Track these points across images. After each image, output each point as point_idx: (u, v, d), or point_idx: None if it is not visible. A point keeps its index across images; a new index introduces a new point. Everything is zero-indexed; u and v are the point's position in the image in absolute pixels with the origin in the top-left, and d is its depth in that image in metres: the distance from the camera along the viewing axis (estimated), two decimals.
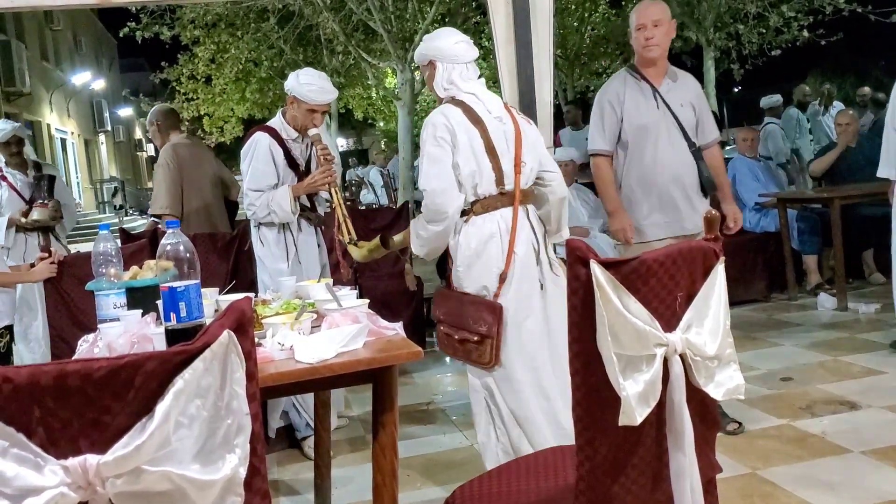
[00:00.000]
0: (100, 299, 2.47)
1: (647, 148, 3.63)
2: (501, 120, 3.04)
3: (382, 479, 2.22)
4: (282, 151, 3.85)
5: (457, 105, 3.02)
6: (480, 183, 2.97)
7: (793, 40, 13.20)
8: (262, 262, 3.93)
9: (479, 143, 2.97)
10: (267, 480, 1.38)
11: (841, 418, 3.72)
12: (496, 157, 2.98)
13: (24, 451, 1.17)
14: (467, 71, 3.09)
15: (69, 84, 25.19)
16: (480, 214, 2.99)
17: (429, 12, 12.02)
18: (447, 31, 3.21)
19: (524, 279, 2.97)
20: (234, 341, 1.30)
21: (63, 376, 1.18)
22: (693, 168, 3.65)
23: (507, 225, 2.98)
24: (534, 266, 3.00)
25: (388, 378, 2.19)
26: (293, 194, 3.78)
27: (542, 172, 3.11)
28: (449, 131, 2.95)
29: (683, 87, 3.73)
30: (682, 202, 3.64)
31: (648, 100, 3.65)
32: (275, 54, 15.15)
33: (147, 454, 1.20)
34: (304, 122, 3.83)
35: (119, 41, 20.88)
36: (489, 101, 3.07)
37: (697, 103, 3.74)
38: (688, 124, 3.66)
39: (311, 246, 3.98)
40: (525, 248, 2.99)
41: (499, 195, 2.99)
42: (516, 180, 3.00)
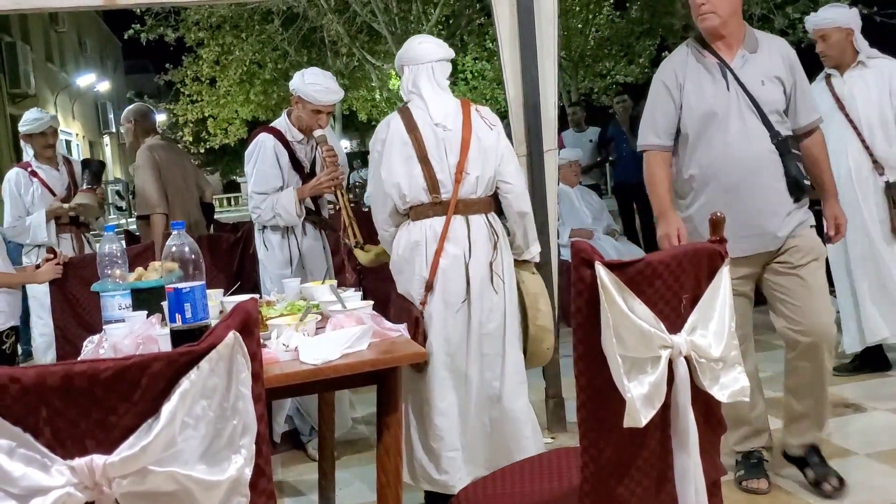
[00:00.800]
0: (105, 300, 2.48)
1: (714, 141, 2.92)
2: (444, 127, 3.00)
3: (387, 479, 2.22)
4: (287, 153, 3.83)
5: (402, 113, 3.06)
6: (409, 192, 2.99)
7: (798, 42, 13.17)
8: (264, 266, 3.92)
9: (411, 151, 2.98)
10: (272, 481, 1.39)
11: (846, 421, 3.71)
12: (429, 166, 2.97)
13: (30, 451, 1.18)
14: (434, 72, 3.07)
15: (74, 86, 25.24)
16: (413, 222, 3.02)
17: (433, 14, 12.05)
18: (418, 35, 3.25)
19: (448, 291, 2.97)
20: (239, 342, 1.30)
21: (70, 377, 1.19)
22: (777, 164, 2.88)
23: (436, 234, 2.97)
24: (460, 278, 2.97)
25: (393, 379, 2.19)
26: (298, 197, 3.76)
27: (499, 182, 3.06)
28: (380, 141, 3.04)
29: (767, 58, 2.95)
30: (761, 210, 2.89)
31: (716, 80, 2.92)
32: (279, 56, 15.19)
33: (153, 455, 1.21)
34: (309, 122, 3.80)
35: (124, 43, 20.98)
36: (436, 106, 3.03)
37: (788, 76, 2.96)
38: (770, 107, 2.90)
39: (316, 250, 3.97)
40: (451, 260, 2.97)
41: (431, 204, 2.98)
42: (454, 189, 2.97)
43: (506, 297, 3.04)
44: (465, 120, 3.02)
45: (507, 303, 3.04)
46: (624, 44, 17.41)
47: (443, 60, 3.11)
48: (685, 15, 12.68)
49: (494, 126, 3.08)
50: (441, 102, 3.05)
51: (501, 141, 3.08)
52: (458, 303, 2.97)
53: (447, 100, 3.07)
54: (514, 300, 3.08)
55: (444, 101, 3.05)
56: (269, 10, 13.48)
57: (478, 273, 2.98)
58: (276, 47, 14.82)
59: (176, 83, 17.13)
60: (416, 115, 3.02)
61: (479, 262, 2.99)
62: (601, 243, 6.35)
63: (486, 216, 3.04)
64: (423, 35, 3.26)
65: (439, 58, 3.09)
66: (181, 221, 2.20)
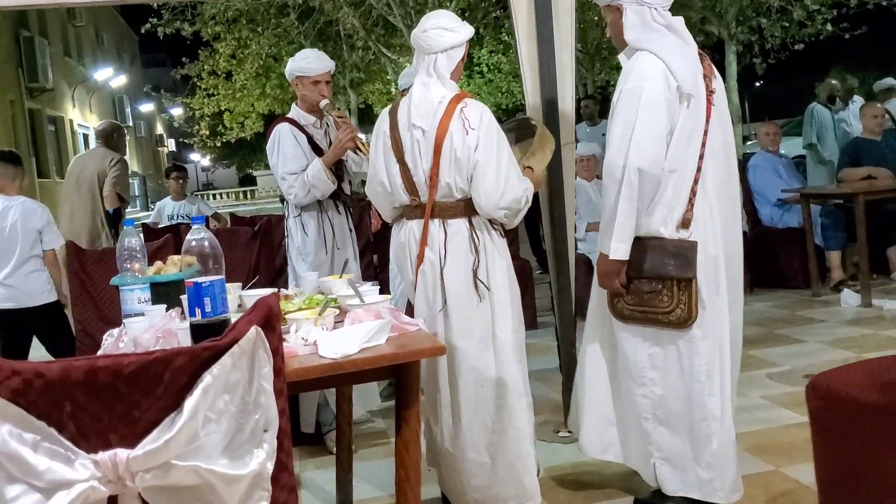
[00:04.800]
0: (124, 294, 2.49)
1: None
2: (420, 129, 2.87)
3: (405, 473, 2.23)
4: (304, 136, 3.93)
5: (391, 107, 3.04)
6: (392, 191, 2.97)
7: (816, 34, 13.05)
8: (299, 256, 3.96)
9: (390, 151, 2.96)
10: (293, 475, 1.39)
11: None
12: (406, 167, 2.91)
13: (55, 445, 1.19)
14: (436, 62, 2.91)
15: (91, 80, 25.39)
16: (401, 221, 3.02)
17: (449, 7, 12.01)
18: (431, 15, 3.05)
19: (428, 298, 2.93)
20: (261, 337, 1.31)
21: (93, 371, 1.20)
22: None
23: (417, 238, 2.93)
24: (436, 285, 2.90)
25: (411, 373, 2.20)
26: (325, 164, 3.82)
27: (472, 193, 2.85)
28: (374, 134, 3.03)
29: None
30: None
31: None
32: (295, 49, 15.14)
33: (176, 449, 1.22)
34: (312, 97, 3.90)
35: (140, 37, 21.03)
36: (418, 104, 2.90)
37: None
38: None
39: (345, 230, 4.04)
40: (429, 266, 2.92)
41: (412, 206, 2.94)
42: (429, 193, 2.88)
43: (494, 307, 2.90)
44: (443, 121, 2.82)
45: (495, 315, 2.90)
46: None
47: (452, 49, 2.91)
48: (702, 7, 12.60)
49: (473, 129, 2.81)
50: (425, 99, 2.88)
51: (480, 148, 2.80)
52: (436, 311, 2.91)
53: (434, 95, 2.88)
54: (506, 309, 2.93)
55: (428, 98, 2.88)
56: (285, 3, 13.47)
57: (454, 280, 2.88)
58: (293, 41, 14.82)
59: (192, 77, 17.17)
60: (401, 111, 2.94)
61: (455, 269, 2.88)
62: None
63: (468, 220, 2.89)
64: (436, 15, 3.01)
65: (446, 47, 2.89)
66: (201, 216, 2.21)
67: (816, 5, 12.51)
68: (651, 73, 2.74)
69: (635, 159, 2.68)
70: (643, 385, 2.86)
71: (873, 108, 6.95)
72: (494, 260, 2.93)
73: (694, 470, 2.81)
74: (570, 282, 3.82)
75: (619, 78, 2.91)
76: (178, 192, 7.22)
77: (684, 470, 2.83)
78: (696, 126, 2.78)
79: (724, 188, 2.89)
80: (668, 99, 2.72)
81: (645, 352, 2.84)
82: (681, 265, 2.73)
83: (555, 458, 3.55)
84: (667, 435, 2.84)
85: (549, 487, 3.25)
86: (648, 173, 2.70)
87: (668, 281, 2.75)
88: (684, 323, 2.74)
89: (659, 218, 2.77)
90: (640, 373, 2.86)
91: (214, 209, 7.56)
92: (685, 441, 2.81)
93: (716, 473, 2.78)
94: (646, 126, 2.70)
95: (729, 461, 2.80)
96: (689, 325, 2.74)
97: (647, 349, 2.84)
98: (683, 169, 2.77)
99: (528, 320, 6.02)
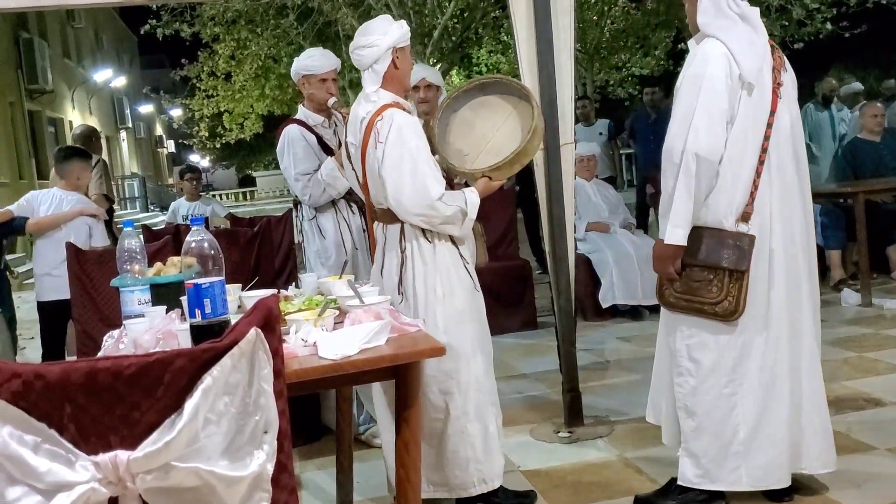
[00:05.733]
0: (124, 295, 2.49)
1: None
2: (352, 143, 3.05)
3: (406, 474, 2.23)
4: (314, 137, 3.95)
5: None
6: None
7: (816, 33, 13.06)
8: (318, 260, 3.97)
9: (350, 160, 3.14)
10: (294, 477, 1.39)
11: (866, 415, 3.69)
12: (355, 173, 3.11)
13: (55, 446, 1.19)
14: (367, 76, 3.02)
15: (91, 81, 25.38)
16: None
17: (448, 7, 12.02)
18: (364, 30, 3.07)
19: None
20: (261, 339, 1.31)
21: (94, 373, 1.20)
22: None
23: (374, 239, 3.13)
24: (378, 283, 2.97)
25: (411, 374, 2.20)
26: (337, 163, 3.81)
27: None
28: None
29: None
30: None
31: None
32: (294, 50, 15.19)
33: (176, 450, 1.22)
34: (320, 95, 3.91)
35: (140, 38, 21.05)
36: (350, 121, 3.06)
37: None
38: None
39: (361, 231, 4.03)
40: (377, 266, 3.08)
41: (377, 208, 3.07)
42: (367, 202, 3.09)
43: (417, 309, 2.93)
44: (365, 137, 2.95)
45: (419, 315, 2.89)
46: (640, 36, 17.29)
47: (375, 63, 2.96)
48: None
49: (381, 143, 2.89)
50: (355, 116, 3.02)
51: (385, 158, 2.88)
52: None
53: (360, 112, 3.00)
54: (434, 311, 2.93)
55: (357, 114, 3.01)
56: (283, 4, 13.48)
57: (388, 280, 3.01)
58: (292, 42, 14.83)
59: (192, 78, 17.17)
60: (348, 124, 3.12)
61: (388, 272, 3.02)
62: (617, 237, 6.34)
63: (402, 225, 2.97)
64: (360, 32, 3.05)
65: (369, 63, 2.97)
66: (200, 218, 2.21)
67: (816, 4, 12.52)
68: (714, 59, 2.75)
69: (693, 145, 2.71)
70: (679, 374, 2.89)
71: (873, 107, 6.94)
72: (416, 265, 2.97)
73: (712, 469, 2.83)
74: (569, 282, 3.82)
75: (684, 63, 2.93)
76: (192, 193, 7.33)
77: (703, 468, 2.85)
78: (758, 117, 2.78)
79: (791, 185, 2.85)
80: (730, 86, 2.73)
81: (684, 341, 2.87)
82: (736, 257, 2.74)
83: (554, 458, 3.55)
84: (692, 428, 2.87)
85: (549, 488, 3.26)
86: (706, 159, 2.72)
87: (720, 271, 2.76)
88: (730, 315, 2.75)
89: (719, 209, 2.78)
90: (677, 361, 2.90)
91: (228, 210, 7.65)
92: (709, 438, 2.84)
93: (735, 478, 2.82)
94: (705, 111, 2.72)
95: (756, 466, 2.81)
96: (735, 319, 2.76)
97: (687, 339, 2.87)
98: (743, 159, 2.77)
99: (528, 320, 6.08)
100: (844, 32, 13.04)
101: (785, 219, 2.82)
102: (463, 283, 3.02)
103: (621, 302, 6.12)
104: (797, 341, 2.84)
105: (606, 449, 3.60)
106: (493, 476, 2.99)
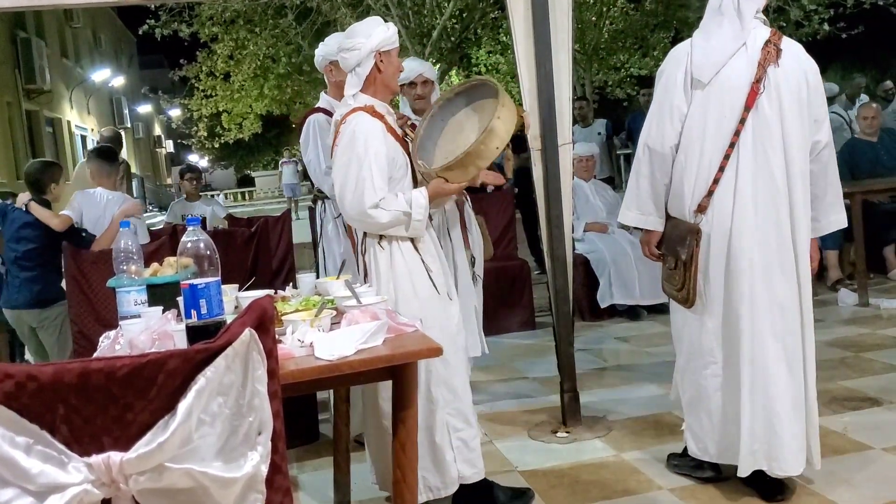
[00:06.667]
0: (121, 296, 2.49)
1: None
2: (332, 147, 3.08)
3: (402, 475, 2.22)
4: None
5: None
6: None
7: (813, 34, 13.06)
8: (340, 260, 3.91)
9: None
10: (288, 478, 1.39)
11: (862, 415, 3.69)
12: None
13: (48, 448, 1.18)
14: (349, 80, 3.03)
15: (89, 81, 25.35)
16: None
17: (447, 7, 12.02)
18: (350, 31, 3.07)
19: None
20: (255, 339, 1.30)
21: (87, 374, 1.19)
22: None
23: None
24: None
25: (408, 375, 2.19)
26: None
27: None
28: None
29: None
30: None
31: None
32: (293, 50, 15.20)
33: (170, 451, 1.21)
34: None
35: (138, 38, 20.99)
36: (332, 123, 3.13)
37: None
38: None
39: None
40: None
41: None
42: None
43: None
44: (334, 139, 3.01)
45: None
46: (638, 36, 17.29)
47: (357, 66, 2.96)
48: (699, 7, 12.60)
49: (337, 146, 2.95)
50: (333, 121, 3.07)
51: (335, 161, 2.96)
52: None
53: (338, 112, 3.04)
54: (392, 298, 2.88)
55: (335, 118, 3.05)
56: (282, 4, 13.46)
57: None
58: (290, 41, 14.82)
59: (190, 78, 17.15)
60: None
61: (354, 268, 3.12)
62: (615, 237, 6.33)
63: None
64: (345, 35, 3.07)
65: (351, 66, 2.97)
66: (196, 218, 2.21)
67: (813, 5, 12.51)
68: (671, 58, 3.01)
69: (645, 138, 2.97)
70: (676, 353, 3.13)
71: (868, 108, 6.95)
72: (372, 270, 2.99)
73: (703, 440, 3.02)
74: (567, 282, 3.82)
75: None
76: (192, 194, 7.31)
77: (700, 439, 3.03)
78: (723, 112, 2.84)
79: (774, 182, 2.83)
80: (683, 82, 2.90)
81: (674, 324, 3.12)
82: (682, 246, 2.89)
83: (552, 458, 3.54)
84: (685, 403, 3.10)
85: (547, 488, 3.25)
86: (655, 151, 2.93)
87: (679, 261, 2.92)
88: (685, 303, 2.95)
89: (682, 200, 2.94)
90: (673, 341, 3.15)
91: (228, 210, 7.63)
92: (696, 414, 3.03)
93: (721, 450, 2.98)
94: (658, 107, 2.96)
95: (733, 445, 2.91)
96: (689, 307, 2.94)
97: (674, 322, 3.12)
98: (702, 152, 2.87)
99: (527, 320, 6.08)
100: (842, 33, 13.04)
101: (763, 215, 2.83)
102: (421, 292, 2.94)
103: (619, 302, 6.11)
104: (776, 341, 2.85)
105: (604, 449, 3.59)
106: (440, 486, 2.94)
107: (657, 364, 4.69)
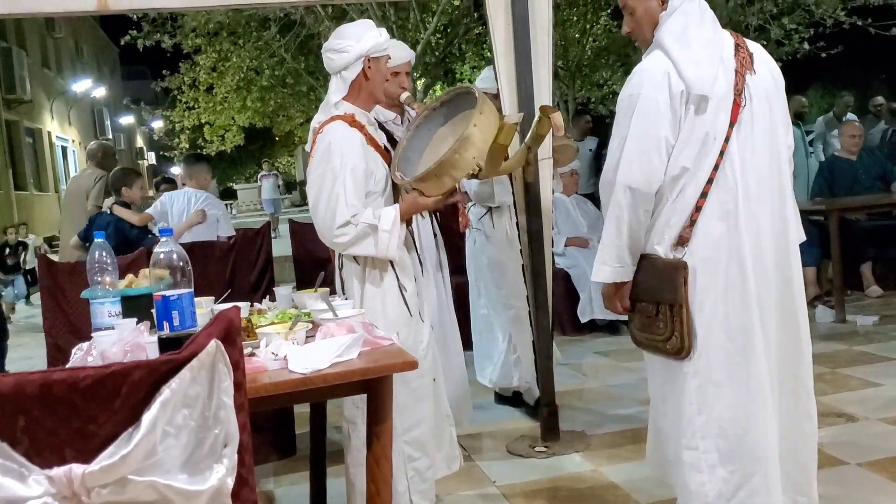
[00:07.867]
0: (95, 307, 2.46)
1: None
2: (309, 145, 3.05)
3: (376, 489, 2.21)
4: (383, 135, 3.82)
5: None
6: None
7: (793, 53, 13.20)
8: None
9: None
10: (255, 491, 1.37)
11: (838, 430, 3.70)
12: None
13: (7, 461, 1.16)
14: (334, 84, 2.99)
15: (70, 92, 25.22)
16: None
17: (430, 22, 12.06)
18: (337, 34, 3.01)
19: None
20: (221, 351, 1.28)
21: (48, 385, 1.17)
22: None
23: None
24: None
25: (383, 388, 2.18)
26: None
27: None
28: None
29: None
30: None
31: None
32: (276, 63, 15.17)
33: (133, 464, 1.19)
34: (392, 89, 3.59)
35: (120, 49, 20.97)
36: (315, 119, 3.10)
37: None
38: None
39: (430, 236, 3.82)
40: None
41: None
42: None
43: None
44: (311, 147, 2.93)
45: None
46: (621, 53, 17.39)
47: (345, 69, 2.90)
48: None
49: (313, 157, 2.88)
50: (312, 128, 3.03)
51: (309, 174, 2.89)
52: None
53: (316, 118, 3.00)
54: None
55: (314, 125, 2.99)
56: (266, 16, 13.44)
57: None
58: (274, 54, 14.78)
59: (173, 90, 17.08)
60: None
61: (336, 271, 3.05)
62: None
63: None
64: (335, 34, 2.98)
65: (338, 69, 2.91)
66: (169, 228, 2.19)
67: (794, 25, 12.66)
68: (644, 80, 2.41)
69: (625, 177, 2.39)
70: (654, 414, 2.63)
71: (853, 126, 7.04)
72: (346, 286, 2.96)
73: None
74: (547, 297, 3.82)
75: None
76: None
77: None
78: (716, 131, 2.38)
79: (762, 206, 2.47)
80: (671, 107, 2.37)
81: (654, 381, 2.59)
82: (668, 288, 2.40)
83: (531, 473, 3.53)
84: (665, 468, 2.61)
85: (525, 502, 3.24)
86: (640, 191, 2.39)
87: (662, 305, 2.43)
88: (678, 353, 2.40)
89: (654, 233, 2.46)
90: (652, 400, 2.64)
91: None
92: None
93: None
94: (638, 140, 2.38)
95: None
96: (684, 357, 2.40)
97: (655, 378, 2.58)
98: (694, 177, 2.39)
99: None
100: (821, 53, 13.19)
101: (753, 245, 2.46)
102: (390, 313, 2.88)
103: (599, 317, 6.12)
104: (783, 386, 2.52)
105: (583, 463, 3.58)
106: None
107: (637, 379, 4.69)
